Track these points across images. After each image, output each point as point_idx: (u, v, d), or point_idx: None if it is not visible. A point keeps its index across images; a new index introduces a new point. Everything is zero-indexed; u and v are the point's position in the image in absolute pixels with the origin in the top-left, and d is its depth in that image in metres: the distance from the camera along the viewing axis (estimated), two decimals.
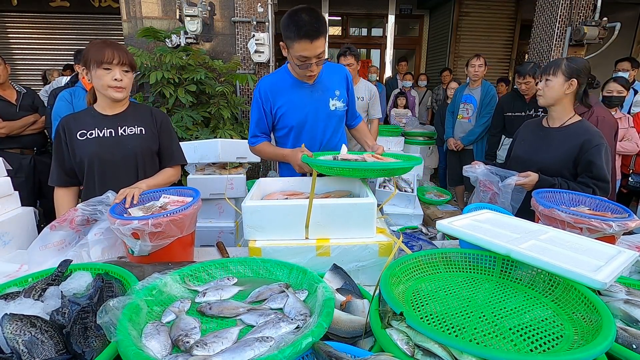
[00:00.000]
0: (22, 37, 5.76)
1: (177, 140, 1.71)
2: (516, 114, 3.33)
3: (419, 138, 4.76)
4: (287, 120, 1.71)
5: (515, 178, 1.63)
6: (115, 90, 1.46)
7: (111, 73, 1.43)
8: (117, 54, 1.42)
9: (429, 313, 0.77)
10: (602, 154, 1.57)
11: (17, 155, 3.03)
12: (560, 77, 1.63)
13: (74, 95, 2.18)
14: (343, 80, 1.78)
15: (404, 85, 5.99)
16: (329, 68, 1.75)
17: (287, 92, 1.68)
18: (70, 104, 2.15)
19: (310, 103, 1.69)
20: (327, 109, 1.72)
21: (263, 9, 3.78)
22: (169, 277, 0.92)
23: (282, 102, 1.68)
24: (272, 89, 1.68)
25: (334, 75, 1.75)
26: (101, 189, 1.40)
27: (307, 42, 1.45)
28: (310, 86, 1.69)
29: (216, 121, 3.40)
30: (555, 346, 0.67)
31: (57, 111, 2.13)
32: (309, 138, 1.73)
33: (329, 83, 1.72)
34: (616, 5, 5.53)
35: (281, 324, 0.74)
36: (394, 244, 1.17)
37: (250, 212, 1.19)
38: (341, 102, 1.75)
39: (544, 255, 0.86)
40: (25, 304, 0.84)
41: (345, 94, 1.77)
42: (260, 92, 1.70)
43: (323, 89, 1.71)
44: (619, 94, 2.98)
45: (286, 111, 1.69)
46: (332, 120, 1.75)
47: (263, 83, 1.71)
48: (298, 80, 1.67)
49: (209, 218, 2.59)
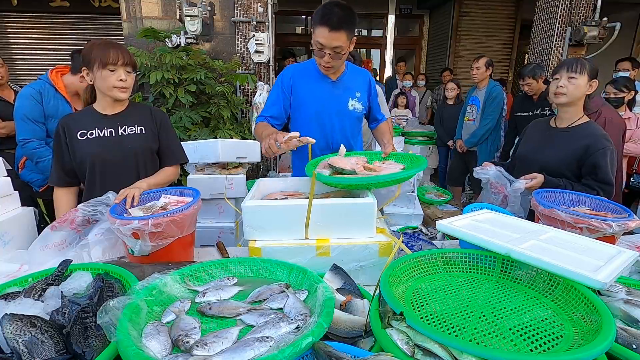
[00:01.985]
0: (22, 37, 5.75)
1: (177, 139, 1.71)
2: (524, 114, 3.36)
3: (419, 138, 4.76)
4: (303, 109, 1.75)
5: (523, 182, 1.60)
6: (120, 91, 1.46)
7: (116, 74, 1.43)
8: (121, 55, 1.42)
9: (429, 313, 0.77)
10: (607, 157, 1.56)
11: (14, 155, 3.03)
12: (586, 77, 1.60)
13: (44, 94, 2.06)
14: (365, 84, 1.82)
15: (405, 85, 5.99)
16: (353, 70, 1.81)
17: (310, 81, 1.73)
18: (39, 104, 2.03)
19: (329, 98, 1.73)
20: (345, 108, 1.76)
21: (263, 9, 3.78)
22: (169, 277, 0.92)
23: (303, 90, 1.73)
24: (298, 75, 1.74)
25: (357, 77, 1.80)
26: (102, 188, 1.40)
27: (325, 30, 1.47)
28: (333, 82, 1.74)
29: (216, 121, 3.40)
30: (555, 346, 0.67)
31: (25, 111, 1.99)
32: (320, 131, 1.75)
33: (351, 83, 1.77)
34: (616, 5, 5.53)
35: (281, 324, 0.74)
36: (394, 244, 1.17)
37: (250, 212, 1.19)
38: (360, 104, 1.78)
39: (544, 255, 0.86)
40: (25, 304, 0.84)
41: (365, 98, 1.81)
42: (284, 75, 1.75)
43: (344, 88, 1.76)
44: (615, 96, 2.97)
45: (304, 99, 1.73)
46: (347, 120, 1.78)
47: (290, 68, 1.77)
48: (323, 74, 1.71)
49: (209, 218, 2.59)
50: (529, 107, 3.33)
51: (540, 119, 1.93)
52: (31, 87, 2.07)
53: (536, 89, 3.24)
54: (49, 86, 2.10)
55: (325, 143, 1.78)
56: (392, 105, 5.64)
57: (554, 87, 1.66)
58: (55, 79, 2.13)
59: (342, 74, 1.75)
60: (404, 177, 1.32)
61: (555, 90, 1.66)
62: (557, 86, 1.64)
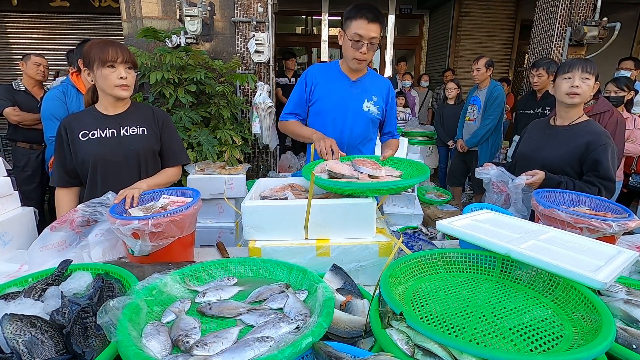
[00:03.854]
0: (22, 37, 5.75)
1: (180, 140, 1.71)
2: (526, 112, 3.36)
3: (419, 138, 4.76)
4: (319, 104, 1.80)
5: (524, 177, 1.61)
6: (121, 89, 1.45)
7: (116, 72, 1.42)
8: (120, 52, 1.42)
9: (429, 313, 0.77)
10: (608, 153, 1.57)
11: (26, 150, 3.29)
12: (593, 78, 1.62)
13: (67, 94, 2.17)
14: (384, 91, 1.86)
15: (404, 86, 5.99)
16: (374, 76, 1.87)
17: (330, 79, 1.81)
18: (63, 103, 2.13)
19: (345, 96, 1.78)
20: (360, 108, 1.80)
21: (263, 9, 3.78)
22: (169, 277, 0.92)
23: (322, 87, 1.80)
24: (320, 73, 1.82)
25: (377, 82, 1.85)
26: (103, 189, 1.40)
27: (364, 22, 1.59)
28: (352, 82, 1.80)
29: (216, 121, 3.39)
30: (555, 346, 0.67)
31: (50, 110, 2.11)
32: (333, 128, 1.80)
33: (369, 86, 1.82)
34: (616, 5, 5.53)
35: (281, 324, 0.74)
36: (393, 244, 1.17)
37: (250, 213, 1.19)
38: (375, 108, 1.82)
39: (544, 255, 0.86)
40: (25, 304, 0.84)
41: (382, 104, 1.85)
42: (308, 73, 1.83)
43: (362, 89, 1.80)
44: (616, 95, 2.98)
45: (322, 95, 1.80)
46: (361, 120, 1.81)
47: (314, 67, 1.87)
48: (344, 74, 1.80)
49: (209, 218, 2.59)
50: (531, 106, 3.34)
51: (540, 119, 1.94)
52: (55, 89, 2.19)
53: (544, 84, 3.24)
54: (70, 87, 2.21)
55: (341, 141, 1.79)
56: None
57: (567, 86, 1.63)
58: (76, 80, 2.24)
59: (363, 76, 1.81)
60: (402, 186, 1.31)
61: (569, 90, 1.62)
62: (571, 86, 1.61)
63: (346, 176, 1.35)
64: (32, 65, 3.23)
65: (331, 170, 1.39)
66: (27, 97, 3.26)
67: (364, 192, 1.23)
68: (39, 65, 3.25)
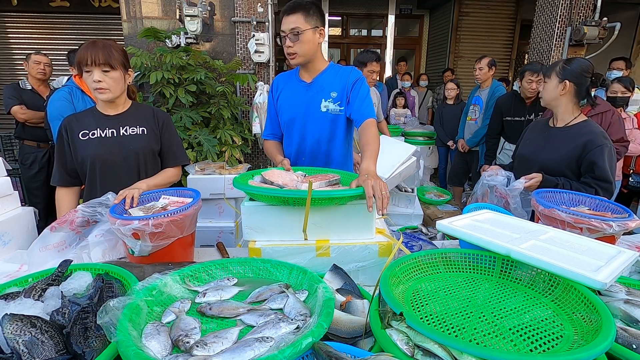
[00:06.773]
0: (22, 37, 5.75)
1: (180, 140, 1.70)
2: (516, 119, 3.22)
3: (418, 138, 4.76)
4: (283, 116, 1.75)
5: (522, 181, 1.61)
6: (98, 92, 1.43)
7: (92, 75, 1.39)
8: (91, 55, 1.37)
9: (429, 313, 0.77)
10: (604, 154, 1.57)
11: (33, 147, 3.32)
12: (554, 79, 1.66)
13: (73, 95, 2.18)
14: (344, 81, 1.64)
15: (403, 86, 5.99)
16: (333, 70, 1.68)
17: (287, 87, 1.73)
18: (71, 104, 2.15)
19: (302, 101, 1.68)
20: (318, 110, 1.67)
21: (263, 9, 3.78)
22: (169, 277, 0.92)
23: (282, 96, 1.74)
24: (282, 82, 1.76)
25: (335, 76, 1.66)
26: (103, 189, 1.40)
27: (284, 17, 1.53)
28: (307, 85, 1.68)
29: (216, 121, 3.40)
30: (555, 346, 0.67)
31: (59, 111, 2.11)
32: (299, 136, 1.72)
33: (326, 84, 1.66)
34: (616, 5, 5.53)
35: (281, 324, 0.74)
36: (393, 244, 1.17)
37: (250, 213, 1.19)
38: (335, 105, 1.65)
39: (544, 256, 0.86)
40: (25, 304, 0.84)
41: (344, 97, 1.64)
42: (272, 84, 1.79)
43: (318, 90, 1.66)
44: (623, 95, 2.98)
45: (281, 105, 1.74)
46: (323, 123, 1.67)
47: (277, 77, 1.79)
48: (299, 78, 1.70)
49: (209, 218, 2.59)
50: (521, 112, 3.18)
51: (538, 120, 1.94)
52: (61, 90, 2.20)
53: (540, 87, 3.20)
54: (75, 89, 2.22)
55: (299, 148, 1.73)
56: (391, 105, 5.66)
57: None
58: (80, 81, 2.25)
59: (320, 74, 1.66)
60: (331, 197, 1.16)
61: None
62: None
63: (275, 184, 1.29)
64: (33, 64, 3.26)
65: (265, 178, 1.34)
66: (33, 96, 3.30)
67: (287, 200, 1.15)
68: (38, 63, 3.27)
